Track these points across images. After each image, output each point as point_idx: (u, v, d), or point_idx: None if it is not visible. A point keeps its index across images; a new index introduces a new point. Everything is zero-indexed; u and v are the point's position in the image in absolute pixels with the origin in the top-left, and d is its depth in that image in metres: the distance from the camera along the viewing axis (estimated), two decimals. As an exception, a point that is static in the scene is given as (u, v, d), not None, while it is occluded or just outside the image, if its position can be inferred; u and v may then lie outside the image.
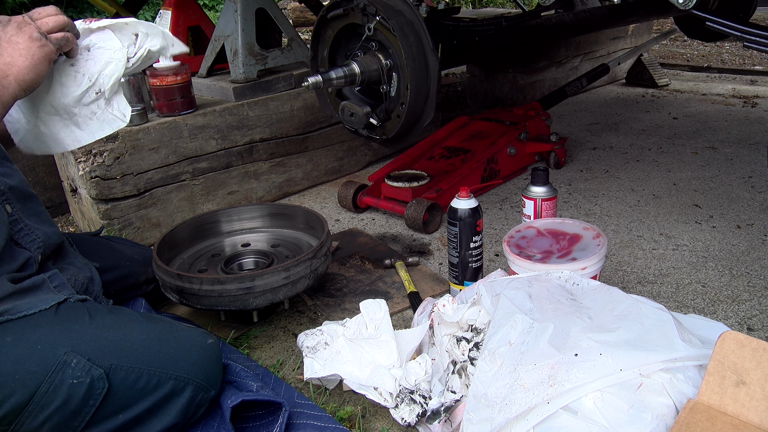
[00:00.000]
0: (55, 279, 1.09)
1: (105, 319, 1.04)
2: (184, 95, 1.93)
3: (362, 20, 1.67)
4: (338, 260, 1.72)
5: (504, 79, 3.29)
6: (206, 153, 2.00)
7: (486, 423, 0.90)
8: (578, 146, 2.66)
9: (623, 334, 0.94)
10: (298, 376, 1.27)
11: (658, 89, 3.60)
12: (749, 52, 4.46)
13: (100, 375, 0.96)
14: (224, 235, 1.66)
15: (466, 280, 1.46)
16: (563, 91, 2.70)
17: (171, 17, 2.31)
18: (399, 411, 1.10)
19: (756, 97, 3.29)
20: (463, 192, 1.40)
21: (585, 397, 0.87)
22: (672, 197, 2.06)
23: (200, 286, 1.31)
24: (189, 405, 1.04)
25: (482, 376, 0.96)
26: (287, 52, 2.24)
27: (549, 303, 1.04)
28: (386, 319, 1.26)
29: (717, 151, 2.48)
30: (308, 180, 2.34)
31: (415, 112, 1.72)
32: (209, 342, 1.11)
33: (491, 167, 2.19)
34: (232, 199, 2.11)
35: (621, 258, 1.68)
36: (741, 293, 1.48)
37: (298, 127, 2.23)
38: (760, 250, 1.68)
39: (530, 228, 1.42)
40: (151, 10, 6.76)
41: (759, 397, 0.84)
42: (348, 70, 1.71)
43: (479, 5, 6.94)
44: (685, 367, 0.90)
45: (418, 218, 1.86)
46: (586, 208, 2.03)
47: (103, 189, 1.79)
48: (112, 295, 1.33)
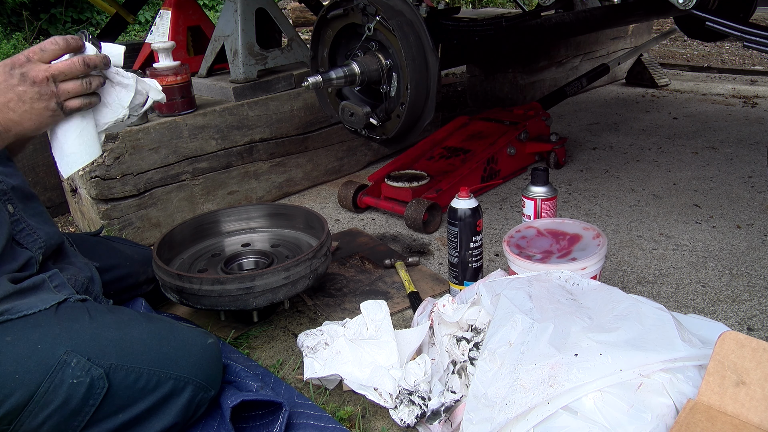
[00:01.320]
0: (55, 279, 1.09)
1: (105, 318, 1.04)
2: (184, 95, 1.93)
3: (362, 20, 1.67)
4: (338, 260, 1.72)
5: (504, 79, 3.29)
6: (206, 153, 2.00)
7: (486, 423, 0.90)
8: (578, 146, 2.66)
9: (623, 334, 0.94)
10: (298, 376, 1.27)
11: (658, 89, 3.60)
12: (749, 52, 4.46)
13: (100, 375, 0.96)
14: (224, 235, 1.66)
15: (466, 280, 1.46)
16: (563, 91, 2.70)
17: (171, 17, 2.31)
18: (398, 412, 1.10)
19: (756, 97, 3.29)
20: (463, 192, 1.40)
21: (585, 397, 0.87)
22: (672, 197, 2.06)
23: (200, 286, 1.31)
24: (189, 405, 1.04)
25: (482, 376, 0.96)
26: (287, 52, 2.24)
27: (549, 303, 1.04)
28: (387, 319, 1.26)
29: (717, 151, 2.48)
30: (308, 180, 2.34)
31: (415, 112, 1.72)
32: (209, 342, 1.11)
33: (491, 167, 2.19)
34: (232, 199, 2.11)
35: (621, 258, 1.68)
36: (741, 293, 1.48)
37: (298, 127, 2.23)
38: (760, 250, 1.68)
39: (530, 228, 1.42)
40: (151, 10, 6.76)
41: (759, 397, 0.84)
42: (348, 70, 1.71)
43: (479, 5, 6.94)
44: (685, 367, 0.90)
45: (418, 218, 1.86)
46: (586, 208, 2.03)
47: (103, 189, 1.79)
48: (112, 295, 1.33)
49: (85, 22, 6.99)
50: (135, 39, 6.09)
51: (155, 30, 2.37)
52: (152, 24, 2.42)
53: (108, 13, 2.79)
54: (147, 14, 6.80)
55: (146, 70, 1.93)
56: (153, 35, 2.38)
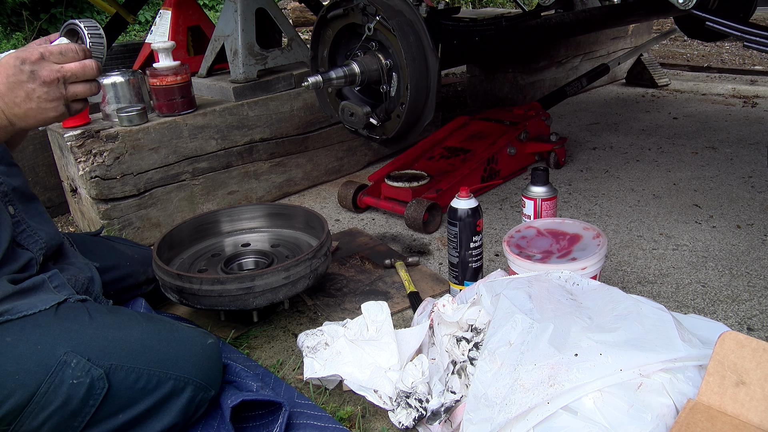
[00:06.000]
0: (55, 279, 1.09)
1: (105, 319, 1.04)
2: (184, 95, 1.93)
3: (362, 20, 1.66)
4: (338, 260, 1.72)
5: (504, 79, 3.29)
6: (206, 153, 2.00)
7: (486, 423, 0.90)
8: (578, 146, 2.66)
9: (623, 334, 0.94)
10: (298, 376, 1.27)
11: (658, 89, 3.60)
12: (749, 52, 4.46)
13: (100, 375, 0.96)
14: (224, 235, 1.66)
15: (466, 280, 1.46)
16: (563, 91, 2.70)
17: (171, 17, 2.31)
18: (396, 415, 1.10)
19: (756, 97, 3.29)
20: (463, 192, 1.40)
21: (585, 397, 0.87)
22: (672, 197, 2.06)
23: (200, 286, 1.31)
24: (189, 405, 1.04)
25: (482, 376, 0.96)
26: (287, 52, 2.24)
27: (549, 303, 1.04)
28: (388, 321, 1.26)
29: (717, 151, 2.48)
30: (308, 180, 2.34)
31: (415, 112, 1.72)
32: (209, 342, 1.11)
33: (491, 167, 2.19)
34: (232, 199, 2.11)
35: (621, 258, 1.68)
36: (741, 293, 1.48)
37: (298, 127, 2.23)
38: (760, 250, 1.68)
39: (530, 228, 1.42)
40: (151, 10, 6.76)
41: (759, 397, 0.84)
42: (348, 70, 1.71)
43: (479, 5, 6.94)
44: (685, 367, 0.90)
45: (418, 218, 1.86)
46: (586, 208, 2.03)
47: (103, 189, 1.79)
48: (112, 295, 1.33)
49: (85, 22, 6.97)
50: (135, 39, 6.09)
51: (155, 30, 2.38)
52: (152, 24, 2.42)
53: (108, 13, 2.79)
54: (147, 14, 6.80)
55: (146, 70, 1.93)
56: (153, 35, 2.38)
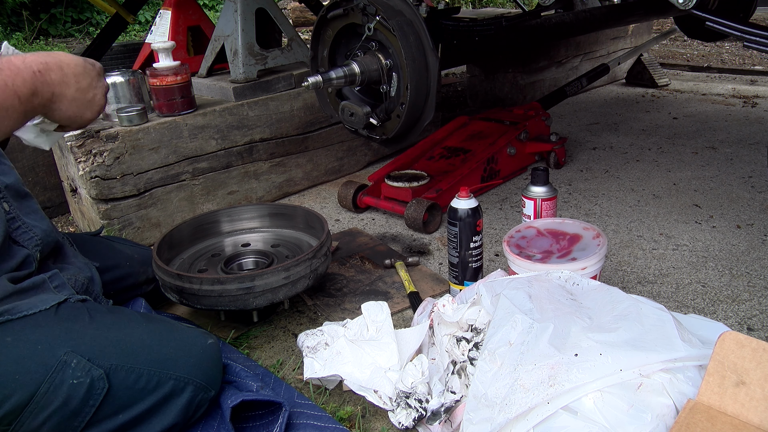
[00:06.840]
0: (55, 279, 1.09)
1: (105, 319, 1.04)
2: (184, 95, 1.93)
3: (362, 20, 1.66)
4: (338, 260, 1.72)
5: (504, 79, 3.29)
6: (206, 153, 2.00)
7: (486, 423, 0.90)
8: (578, 146, 2.66)
9: (623, 334, 0.94)
10: (298, 376, 1.27)
11: (658, 89, 3.60)
12: (749, 52, 4.46)
13: (100, 375, 0.96)
14: (224, 235, 1.66)
15: (466, 280, 1.46)
16: (563, 91, 2.70)
17: (171, 17, 2.31)
18: (396, 415, 1.10)
19: (756, 97, 3.29)
20: (463, 192, 1.40)
21: (585, 397, 0.87)
22: (672, 197, 2.06)
23: (200, 286, 1.31)
24: (189, 405, 1.04)
25: (482, 376, 0.96)
26: (287, 52, 2.24)
27: (549, 303, 1.04)
28: (388, 321, 1.26)
29: (717, 151, 2.48)
30: (308, 180, 2.34)
31: (415, 112, 1.72)
32: (209, 342, 1.11)
33: (491, 167, 2.19)
34: (232, 199, 2.11)
35: (621, 258, 1.68)
36: (741, 293, 1.48)
37: (298, 127, 2.23)
38: (760, 250, 1.68)
39: (530, 228, 1.42)
40: (151, 10, 6.76)
41: (759, 397, 0.84)
42: (348, 70, 1.71)
43: (479, 5, 6.94)
44: (685, 367, 0.90)
45: (418, 218, 1.86)
46: (586, 208, 2.03)
47: (103, 189, 1.79)
48: (112, 295, 1.33)
49: (85, 22, 6.99)
50: (135, 39, 6.09)
51: (155, 30, 2.37)
52: (152, 24, 2.42)
53: (108, 13, 2.79)
54: (147, 14, 6.80)
55: (146, 70, 1.93)
56: (153, 35, 2.38)
